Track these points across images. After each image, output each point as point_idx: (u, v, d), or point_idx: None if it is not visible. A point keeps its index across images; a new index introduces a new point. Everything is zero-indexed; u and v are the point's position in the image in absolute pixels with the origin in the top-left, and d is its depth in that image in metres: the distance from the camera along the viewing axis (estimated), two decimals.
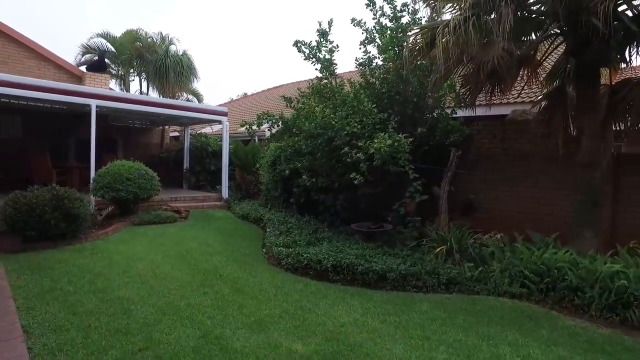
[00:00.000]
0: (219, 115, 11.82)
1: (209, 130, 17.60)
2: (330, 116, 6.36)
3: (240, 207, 10.64)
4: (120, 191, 8.22)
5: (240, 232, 8.34)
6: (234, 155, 12.29)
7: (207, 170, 13.37)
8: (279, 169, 9.58)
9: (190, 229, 8.18)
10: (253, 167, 12.06)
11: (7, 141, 12.29)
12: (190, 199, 11.30)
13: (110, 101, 9.76)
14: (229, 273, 5.53)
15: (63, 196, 6.27)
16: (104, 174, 8.42)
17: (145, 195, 8.57)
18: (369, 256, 5.81)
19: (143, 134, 14.97)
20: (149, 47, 14.29)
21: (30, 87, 8.62)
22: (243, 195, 11.97)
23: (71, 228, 6.32)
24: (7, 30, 12.10)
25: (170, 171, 14.38)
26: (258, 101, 22.60)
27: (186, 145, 13.84)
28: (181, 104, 11.01)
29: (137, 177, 8.49)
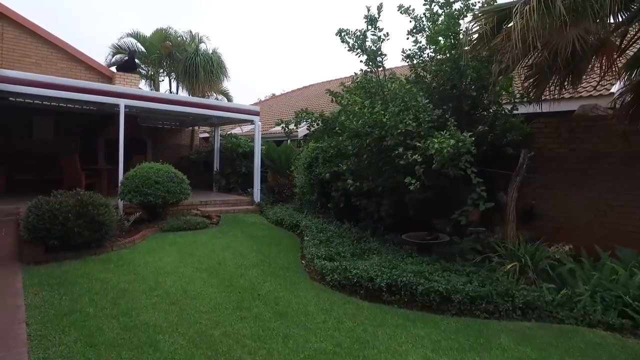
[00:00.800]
0: (251, 114, 11.24)
1: (238, 131, 17.13)
2: (380, 113, 5.59)
3: (274, 211, 10.01)
4: (149, 195, 7.71)
5: (276, 240, 7.69)
6: (267, 156, 11.69)
7: (238, 173, 12.84)
8: (316, 172, 8.90)
9: (222, 237, 7.58)
10: (287, 170, 11.43)
11: (40, 143, 12.13)
12: (221, 202, 10.76)
13: (139, 100, 9.32)
14: (268, 291, 4.85)
15: (87, 202, 5.76)
16: (131, 177, 7.94)
17: (174, 200, 8.04)
18: (428, 273, 5.02)
19: (172, 135, 14.61)
20: (179, 46, 13.91)
21: (57, 86, 8.25)
22: (276, 199, 11.35)
23: (96, 236, 5.80)
24: (41, 32, 11.94)
25: (200, 173, 13.96)
26: (288, 102, 22.04)
27: (216, 147, 13.37)
28: (212, 103, 10.51)
29: (166, 181, 7.97)
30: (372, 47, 6.67)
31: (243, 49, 66.01)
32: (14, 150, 11.57)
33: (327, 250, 6.35)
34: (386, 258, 5.75)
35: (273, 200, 11.32)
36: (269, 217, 9.84)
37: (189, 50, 13.56)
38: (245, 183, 12.72)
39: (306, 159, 9.28)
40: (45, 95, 8.22)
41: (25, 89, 7.96)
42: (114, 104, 8.95)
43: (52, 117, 12.29)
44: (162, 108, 9.66)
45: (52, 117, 12.29)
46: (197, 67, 13.18)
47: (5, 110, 11.34)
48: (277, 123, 7.47)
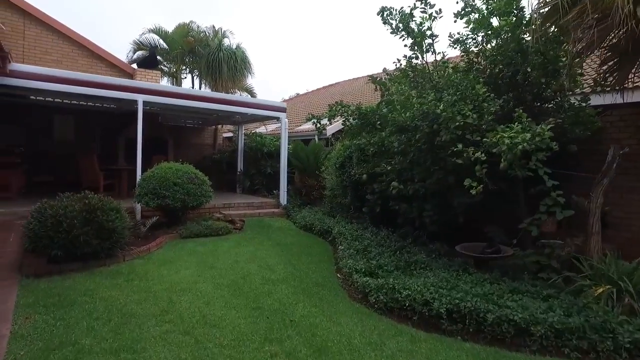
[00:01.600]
0: (277, 111, 10.48)
1: (263, 130, 16.46)
2: (433, 103, 4.69)
3: (302, 215, 9.21)
4: (167, 198, 7.02)
5: (306, 248, 6.87)
6: (293, 156, 10.91)
7: (263, 173, 12.13)
8: (349, 172, 8.05)
9: (247, 244, 6.82)
10: (315, 170, 10.62)
11: (61, 143, 11.73)
12: (245, 205, 10.04)
13: (158, 96, 8.68)
14: (301, 316, 4.03)
15: (95, 207, 5.07)
16: (148, 178, 7.27)
17: (194, 203, 7.33)
18: (496, 296, 4.09)
19: (195, 134, 14.02)
20: (201, 41, 13.31)
21: (70, 81, 7.68)
22: (303, 202, 10.56)
23: (105, 245, 5.12)
24: (62, 29, 11.53)
25: (223, 174, 13.34)
26: (313, 100, 21.24)
27: (240, 146, 12.69)
28: (234, 99, 9.82)
29: (186, 182, 7.27)
30: (419, 28, 5.75)
31: (263, 48, 65.51)
32: (34, 151, 11.18)
33: (367, 263, 5.50)
34: (439, 275, 4.84)
35: (300, 203, 10.53)
36: (296, 222, 9.05)
37: (212, 45, 12.92)
38: (271, 184, 12.00)
39: (338, 159, 8.44)
40: (57, 90, 7.67)
41: (37, 84, 7.44)
42: (132, 99, 8.34)
43: (73, 116, 11.88)
44: (181, 104, 9.00)
45: (73, 117, 11.88)
46: (220, 62, 12.53)
47: (26, 110, 10.98)
48: (307, 118, 6.67)
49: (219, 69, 12.56)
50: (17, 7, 11.00)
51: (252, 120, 12.65)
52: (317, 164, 10.71)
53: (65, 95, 8.73)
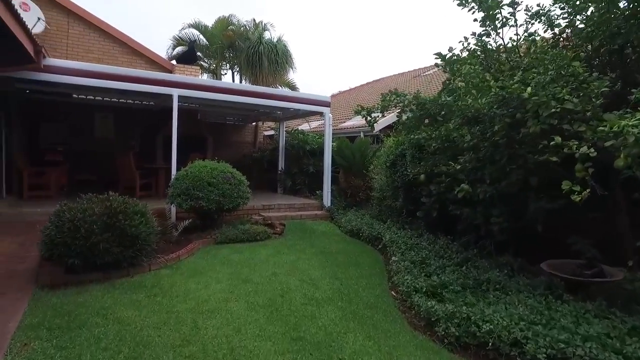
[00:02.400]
0: (321, 105, 9.70)
1: (306, 127, 15.78)
2: (517, 86, 3.71)
3: (347, 218, 8.39)
4: (200, 199, 6.42)
5: (353, 257, 6.04)
6: (338, 154, 10.10)
7: (305, 172, 11.40)
8: (401, 171, 7.13)
9: (287, 252, 6.09)
10: (362, 169, 9.76)
11: (101, 141, 11.59)
12: (286, 207, 9.34)
13: (194, 90, 8.14)
14: (353, 352, 3.20)
15: (117, 210, 4.49)
16: (182, 178, 6.71)
17: (230, 205, 6.69)
18: (617, 341, 3.07)
19: (235, 132, 13.54)
20: (241, 35, 12.77)
21: (101, 75, 7.28)
22: (348, 203, 9.73)
23: (128, 253, 4.53)
24: (103, 26, 11.38)
25: (263, 173, 12.76)
26: (357, 97, 20.33)
27: (281, 144, 12.04)
28: (275, 92, 9.14)
29: (221, 182, 6.64)
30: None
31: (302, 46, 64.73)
32: (76, 149, 11.09)
33: (427, 279, 4.60)
34: (524, 300, 3.85)
35: (345, 204, 9.71)
36: (341, 226, 8.24)
37: (252, 39, 12.36)
38: (313, 184, 11.25)
39: (389, 157, 7.54)
40: (91, 85, 7.28)
41: (71, 79, 7.09)
42: (166, 94, 7.85)
43: (113, 114, 11.71)
44: (218, 98, 8.42)
45: (113, 115, 11.71)
46: (261, 56, 11.93)
47: (69, 108, 10.89)
48: (356, 111, 5.82)
49: (259, 63, 11.97)
50: (61, 7, 10.93)
51: (293, 116, 11.96)
52: (363, 163, 9.84)
53: (99, 90, 8.41)
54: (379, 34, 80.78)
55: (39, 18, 9.91)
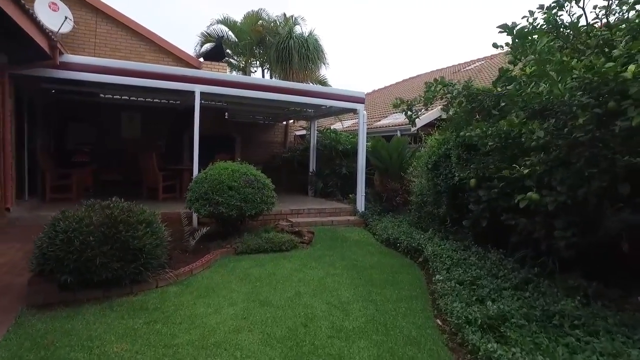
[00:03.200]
0: (354, 102, 8.94)
1: (339, 126, 15.05)
2: (611, 65, 2.80)
3: (383, 225, 7.60)
4: (219, 205, 5.82)
5: (390, 274, 5.24)
6: (373, 154, 9.30)
7: (337, 174, 10.67)
8: (445, 174, 6.26)
9: (315, 266, 5.37)
10: (399, 171, 8.92)
11: (128, 141, 11.33)
12: (316, 211, 8.64)
13: (218, 86, 7.58)
14: None
15: (118, 219, 3.92)
16: (200, 181, 6.14)
17: (253, 211, 6.05)
18: None
19: (264, 131, 12.98)
20: (271, 30, 12.20)
21: (121, 71, 6.85)
22: (384, 208, 8.90)
23: (130, 269, 3.94)
24: (131, 24, 11.09)
25: (294, 174, 12.15)
26: (392, 94, 19.37)
27: (312, 143, 11.37)
28: (305, 88, 8.47)
29: (243, 186, 6.01)
30: None
31: (336, 42, 63.59)
32: (103, 150, 10.86)
33: (481, 306, 3.76)
34: (623, 351, 2.93)
35: (380, 209, 8.89)
36: (376, 234, 7.45)
37: (282, 33, 11.75)
38: (346, 187, 10.51)
39: (430, 157, 6.67)
40: (108, 82, 6.88)
41: (88, 75, 6.71)
42: (187, 90, 7.33)
43: (140, 113, 11.44)
44: (243, 94, 7.82)
45: (140, 114, 11.43)
46: (291, 51, 11.30)
47: (96, 107, 10.68)
48: (394, 104, 5.03)
49: (289, 58, 11.35)
50: (90, 5, 10.73)
51: (325, 114, 11.25)
52: (401, 164, 9.00)
53: (118, 88, 8.05)
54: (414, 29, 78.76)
55: (66, 17, 9.68)
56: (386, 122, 12.87)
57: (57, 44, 6.27)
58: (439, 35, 76.95)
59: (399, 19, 79.80)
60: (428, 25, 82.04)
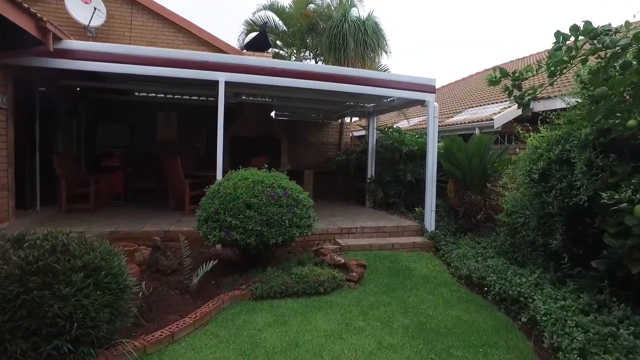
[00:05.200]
0: (422, 91, 7.00)
1: (404, 124, 13.08)
2: None
3: (460, 252, 5.67)
4: (232, 229, 4.23)
5: (479, 346, 3.33)
6: (446, 158, 7.29)
7: (401, 182, 8.76)
8: (561, 189, 4.15)
9: (361, 328, 3.60)
10: (483, 180, 6.85)
11: (164, 143, 10.29)
12: (373, 230, 6.83)
13: (247, 73, 6.06)
14: None
15: (33, 267, 2.43)
16: (212, 195, 4.61)
17: (279, 239, 4.38)
18: None
19: (315, 131, 11.34)
20: (323, 14, 10.55)
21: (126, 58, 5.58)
22: (460, 227, 6.87)
23: (47, 351, 2.42)
24: (167, 14, 10.00)
25: (349, 181, 10.44)
26: (465, 89, 16.85)
27: (371, 144, 9.57)
28: (358, 74, 6.64)
29: (266, 203, 4.37)
30: None
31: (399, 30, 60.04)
32: (136, 153, 9.89)
33: None
34: None
35: (455, 228, 6.88)
36: (451, 264, 5.53)
37: (335, 16, 10.06)
38: (411, 197, 8.61)
39: (534, 163, 4.57)
40: (114, 72, 5.63)
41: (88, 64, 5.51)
42: (209, 79, 5.89)
43: (177, 113, 10.36)
44: (279, 84, 6.22)
45: (177, 113, 10.35)
46: (345, 36, 9.57)
47: (130, 107, 9.75)
48: (489, 80, 3.11)
49: (344, 45, 9.63)
50: None
51: (386, 109, 9.38)
52: (483, 171, 6.91)
53: (126, 79, 6.88)
54: (488, 17, 73.23)
55: (95, 8, 8.80)
56: (460, 118, 10.68)
57: (49, 26, 5.08)
58: (514, 23, 70.88)
59: (471, 5, 74.69)
60: (502, 12, 76.03)
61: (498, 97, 10.68)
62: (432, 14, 75.30)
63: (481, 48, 65.24)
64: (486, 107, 10.27)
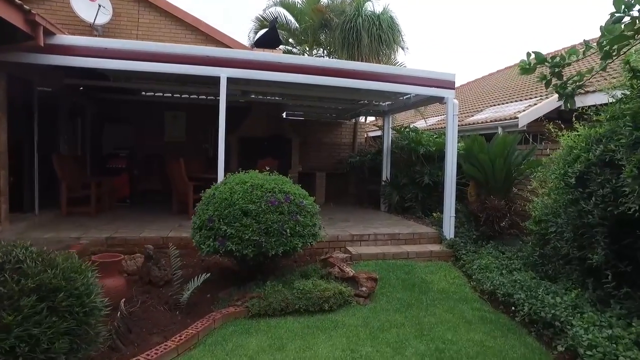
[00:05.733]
0: (440, 87, 6.47)
1: (422, 124, 12.50)
2: None
3: (482, 263, 5.13)
4: (229, 239, 3.81)
5: None
6: (467, 159, 6.73)
7: (418, 184, 8.23)
8: (602, 195, 3.59)
9: (370, 354, 3.12)
10: (507, 183, 6.29)
11: (172, 144, 9.98)
12: (387, 237, 6.34)
13: (252, 69, 5.65)
14: None
15: None
16: (207, 200, 4.20)
17: (279, 249, 3.93)
18: None
19: (328, 132, 10.87)
20: (336, 8, 10.08)
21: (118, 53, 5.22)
22: (481, 235, 6.30)
23: None
24: (175, 11, 9.69)
25: (363, 183, 9.97)
26: (485, 87, 16.13)
27: (386, 145, 9.07)
28: (366, 69, 6.13)
29: (265, 210, 3.93)
30: None
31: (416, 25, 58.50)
32: (143, 154, 9.61)
33: None
34: None
35: (476, 236, 6.32)
36: (473, 277, 5.01)
37: (349, 11, 9.58)
38: (429, 201, 8.08)
39: (572, 166, 4.00)
40: (107, 68, 5.27)
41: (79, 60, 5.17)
42: (209, 75, 5.51)
43: (185, 113, 10.04)
44: (286, 80, 5.80)
45: (185, 113, 10.03)
46: (359, 31, 9.08)
47: (137, 107, 9.46)
48: (522, 68, 2.60)
49: (358, 40, 9.15)
50: None
51: (402, 108, 8.86)
52: (508, 173, 6.33)
53: (130, 77, 6.60)
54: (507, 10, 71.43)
55: (100, 5, 8.54)
56: (481, 117, 10.06)
57: (38, 19, 4.77)
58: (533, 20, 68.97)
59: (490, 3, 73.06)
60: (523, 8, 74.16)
61: (523, 94, 10.03)
62: (453, 9, 73.92)
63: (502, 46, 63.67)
64: (509, 105, 9.63)
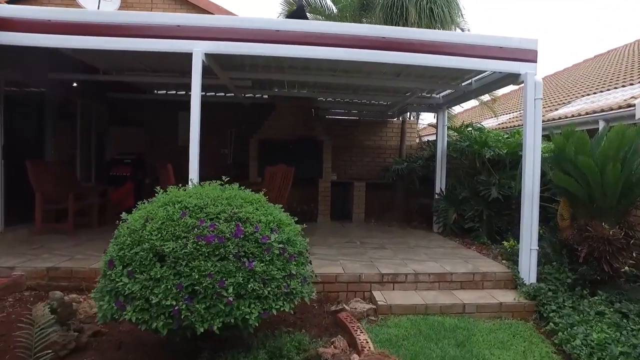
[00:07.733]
0: (513, 59, 4.42)
1: (491, 123, 10.31)
2: None
3: (594, 337, 3.08)
4: (130, 301, 2.19)
5: None
6: (556, 164, 4.63)
7: (483, 198, 6.20)
8: None
9: None
10: (624, 201, 4.12)
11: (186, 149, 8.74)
12: (433, 278, 4.43)
13: (238, 42, 4.08)
14: None
15: None
16: (120, 238, 2.59)
17: (216, 323, 2.23)
18: None
19: (369, 132, 8.98)
20: None
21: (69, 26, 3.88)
22: (581, 278, 4.18)
23: None
24: None
25: (413, 196, 8.10)
26: (572, 77, 13.24)
27: (440, 147, 7.14)
28: (400, 36, 4.19)
29: (191, 253, 2.26)
30: None
31: None
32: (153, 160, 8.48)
33: None
34: None
35: (573, 280, 4.23)
36: None
37: None
38: (498, 221, 6.12)
39: None
40: (65, 47, 3.97)
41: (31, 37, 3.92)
42: (178, 52, 4.02)
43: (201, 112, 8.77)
44: (296, 55, 4.14)
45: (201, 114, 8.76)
46: (405, 6, 7.24)
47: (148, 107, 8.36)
48: None
49: (404, 16, 7.31)
50: None
51: (459, 97, 6.83)
52: (627, 186, 4.13)
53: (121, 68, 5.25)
54: None
55: None
56: (571, 109, 7.67)
57: None
58: None
59: None
60: None
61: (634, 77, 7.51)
62: None
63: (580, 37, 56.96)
64: (614, 92, 7.18)
